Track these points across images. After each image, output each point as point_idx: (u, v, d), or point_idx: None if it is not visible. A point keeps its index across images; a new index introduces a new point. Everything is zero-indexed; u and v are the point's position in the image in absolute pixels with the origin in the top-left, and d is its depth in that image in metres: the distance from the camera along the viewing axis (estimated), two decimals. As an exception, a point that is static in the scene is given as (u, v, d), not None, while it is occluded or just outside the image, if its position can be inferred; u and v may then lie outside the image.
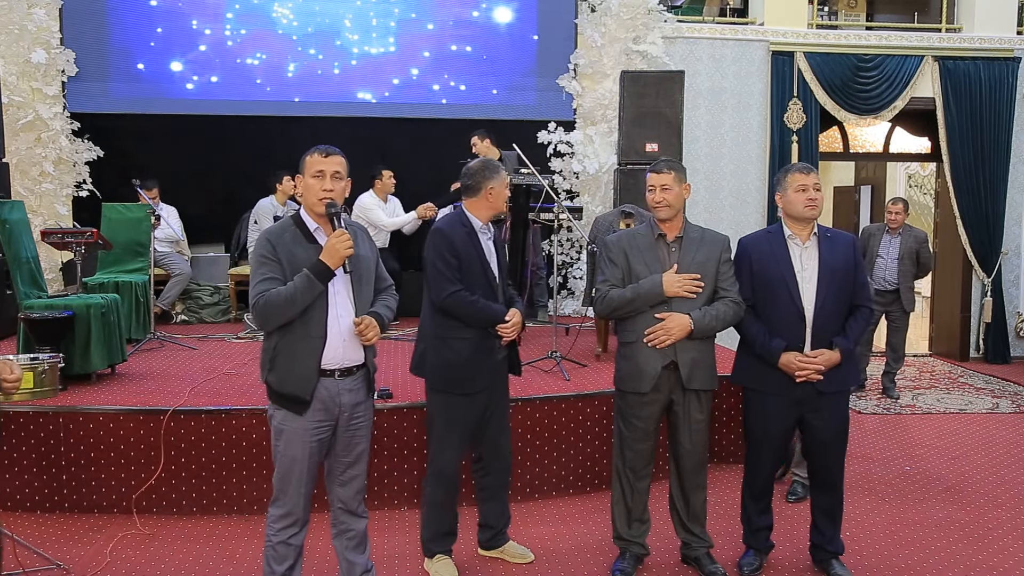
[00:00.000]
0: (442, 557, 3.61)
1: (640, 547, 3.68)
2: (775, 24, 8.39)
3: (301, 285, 2.85)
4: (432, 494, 3.56)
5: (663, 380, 3.47)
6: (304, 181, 2.97)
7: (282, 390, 2.94)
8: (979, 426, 6.16)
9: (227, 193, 7.92)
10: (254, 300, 2.88)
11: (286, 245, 2.92)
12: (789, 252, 3.50)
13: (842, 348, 3.46)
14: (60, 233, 5.88)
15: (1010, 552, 3.94)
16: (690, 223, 3.60)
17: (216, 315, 7.41)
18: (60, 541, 3.96)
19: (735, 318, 3.51)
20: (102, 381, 4.89)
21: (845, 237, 3.61)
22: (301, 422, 2.95)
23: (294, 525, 3.01)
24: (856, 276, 3.53)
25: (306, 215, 3.00)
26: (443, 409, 3.52)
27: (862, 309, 3.54)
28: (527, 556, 3.78)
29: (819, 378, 3.44)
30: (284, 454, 2.97)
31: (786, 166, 3.68)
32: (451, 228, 3.49)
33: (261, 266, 2.90)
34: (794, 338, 3.47)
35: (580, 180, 7.96)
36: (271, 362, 2.95)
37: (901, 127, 9.07)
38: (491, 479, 3.71)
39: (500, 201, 3.58)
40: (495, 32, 8.24)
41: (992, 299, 8.69)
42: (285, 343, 2.92)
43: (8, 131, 6.96)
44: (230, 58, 7.96)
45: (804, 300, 3.46)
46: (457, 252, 3.43)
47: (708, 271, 3.48)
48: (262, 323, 2.93)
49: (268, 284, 2.87)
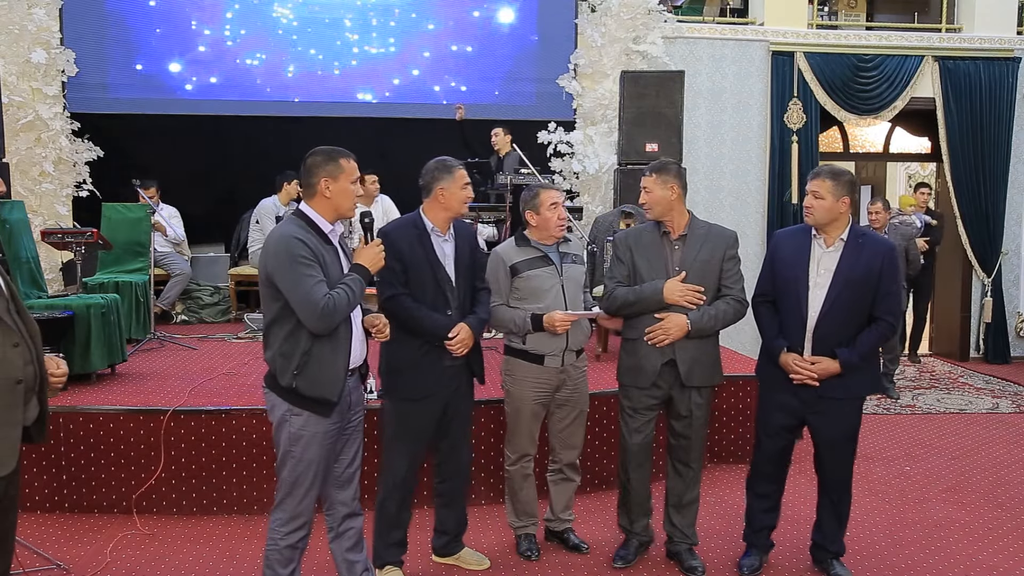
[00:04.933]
0: (392, 569, 3.52)
1: (643, 535, 3.75)
2: (775, 24, 8.38)
3: (359, 290, 2.89)
4: (380, 501, 3.48)
5: (663, 377, 3.53)
6: (339, 184, 2.91)
7: (312, 393, 2.88)
8: (979, 426, 6.16)
9: (227, 193, 7.92)
10: (320, 302, 2.78)
11: (316, 246, 2.88)
12: (810, 254, 3.46)
13: (842, 359, 3.39)
14: (60, 233, 5.88)
15: (1010, 552, 3.94)
16: (697, 219, 3.62)
17: (216, 315, 7.40)
18: (60, 541, 3.96)
19: (736, 317, 3.54)
20: (102, 381, 4.88)
21: (877, 243, 3.46)
22: (323, 424, 2.92)
23: (302, 528, 2.99)
24: (879, 286, 3.39)
25: (317, 215, 2.94)
26: (393, 415, 3.47)
27: (880, 322, 3.41)
28: (483, 563, 3.71)
29: (814, 383, 3.43)
30: (301, 458, 2.92)
31: None
32: (398, 231, 3.38)
33: (307, 267, 2.81)
34: (796, 341, 3.47)
35: (580, 180, 7.96)
36: (300, 366, 2.87)
37: (901, 127, 9.08)
38: (447, 486, 3.63)
39: (455, 202, 3.42)
40: (495, 32, 8.24)
41: (992, 299, 8.69)
42: (319, 346, 2.87)
43: (8, 131, 6.95)
44: (230, 58, 7.96)
45: (810, 306, 3.42)
46: (402, 256, 3.31)
47: (711, 268, 3.51)
48: (327, 326, 2.83)
49: (324, 286, 2.82)
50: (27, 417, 2.54)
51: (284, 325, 2.88)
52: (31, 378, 2.49)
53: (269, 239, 2.95)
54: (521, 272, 3.60)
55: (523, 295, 3.61)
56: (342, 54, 8.07)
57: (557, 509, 3.89)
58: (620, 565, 3.68)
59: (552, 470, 3.88)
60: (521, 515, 3.82)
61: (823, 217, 3.40)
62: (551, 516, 3.91)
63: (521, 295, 3.61)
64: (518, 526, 3.85)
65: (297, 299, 2.81)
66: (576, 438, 3.82)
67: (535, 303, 3.59)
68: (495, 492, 4.42)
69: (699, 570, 3.62)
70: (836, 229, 3.43)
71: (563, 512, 3.90)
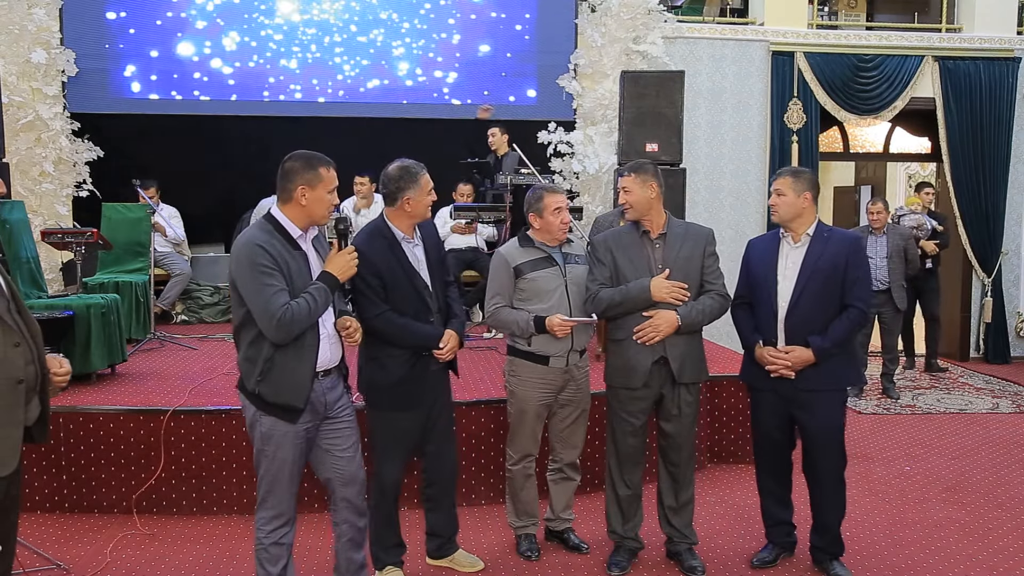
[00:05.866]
0: (392, 569, 3.54)
1: (633, 541, 3.73)
2: (775, 24, 8.38)
3: (322, 299, 2.86)
4: (376, 507, 3.48)
5: (654, 375, 3.54)
6: (316, 193, 2.89)
7: (276, 400, 2.88)
8: (979, 426, 6.16)
9: (227, 193, 7.90)
10: (277, 313, 2.76)
11: (280, 253, 2.85)
12: (778, 252, 3.58)
13: (815, 347, 3.44)
14: (60, 233, 5.88)
15: (1010, 552, 3.94)
16: (674, 218, 3.67)
17: (216, 315, 7.40)
18: (60, 541, 3.96)
19: (721, 311, 3.60)
20: (102, 381, 4.89)
21: (843, 236, 3.61)
22: (292, 426, 2.92)
23: (285, 524, 3.00)
24: (847, 274, 3.48)
25: (288, 221, 2.91)
26: (382, 424, 3.46)
27: (851, 309, 3.49)
28: (477, 564, 3.70)
29: (790, 374, 3.48)
30: (275, 457, 2.93)
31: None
32: (370, 246, 3.27)
33: (268, 276, 2.79)
34: (770, 334, 3.54)
35: (580, 180, 7.95)
36: (263, 372, 2.86)
37: (901, 127, 9.08)
38: (435, 489, 3.62)
39: (420, 209, 3.37)
40: (496, 32, 8.24)
41: (992, 299, 8.69)
42: (281, 353, 2.86)
43: (8, 131, 6.94)
44: (230, 58, 7.96)
45: (779, 298, 3.52)
46: (379, 272, 3.27)
47: (693, 266, 3.55)
48: (284, 336, 2.81)
49: (283, 296, 2.79)
50: (28, 417, 2.54)
51: (250, 330, 2.88)
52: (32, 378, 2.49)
53: (235, 244, 2.94)
54: (525, 273, 3.60)
55: (527, 296, 3.61)
56: (342, 54, 8.07)
57: (558, 509, 3.89)
58: (616, 573, 3.64)
59: (552, 470, 3.87)
60: (522, 515, 3.82)
61: (787, 213, 3.52)
62: (551, 516, 3.91)
63: (525, 296, 3.61)
64: (519, 526, 3.85)
65: (256, 308, 2.80)
66: (578, 437, 3.83)
67: (539, 304, 3.59)
68: (495, 492, 4.42)
69: (699, 570, 3.62)
70: (802, 226, 3.54)
71: (563, 511, 3.90)
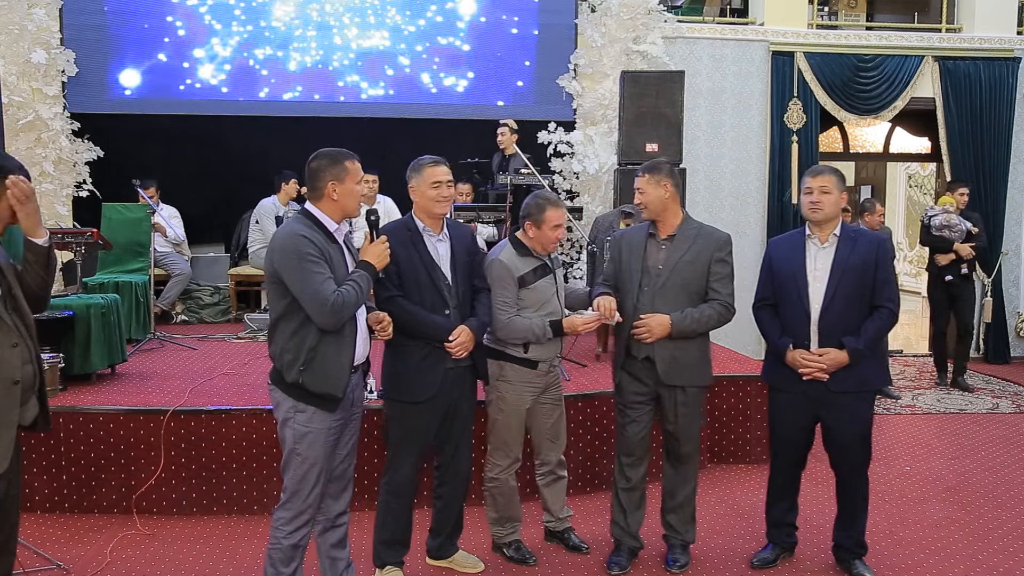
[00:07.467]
0: (392, 569, 3.52)
1: (633, 540, 3.74)
2: (775, 24, 8.38)
3: (365, 286, 2.95)
4: (384, 501, 3.49)
5: (643, 372, 3.58)
6: (345, 186, 2.97)
7: (318, 389, 2.91)
8: (979, 426, 6.16)
9: (227, 193, 7.90)
10: (330, 299, 2.81)
11: (322, 244, 2.92)
12: (805, 252, 3.54)
13: (850, 348, 3.42)
14: (60, 233, 5.87)
15: (1010, 552, 3.94)
16: (691, 220, 3.64)
17: (216, 315, 7.40)
18: (60, 541, 3.96)
19: (720, 322, 3.55)
20: (102, 381, 4.88)
21: (870, 236, 3.59)
22: (327, 421, 2.95)
23: (306, 526, 3.01)
24: (876, 274, 3.45)
25: (324, 215, 2.99)
26: (397, 417, 3.47)
27: (881, 309, 3.46)
28: (477, 566, 3.70)
29: (824, 377, 3.44)
30: (306, 456, 2.94)
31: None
32: (392, 233, 3.30)
33: (315, 264, 2.85)
34: (801, 336, 3.50)
35: (580, 180, 7.95)
36: (307, 363, 2.89)
37: (901, 127, 9.08)
38: (446, 489, 3.63)
39: (425, 201, 3.38)
40: (495, 32, 8.23)
41: (992, 299, 8.67)
42: (325, 342, 2.90)
43: (8, 131, 6.95)
44: (230, 58, 7.96)
45: (811, 299, 3.47)
46: (395, 258, 3.25)
47: (696, 270, 3.52)
48: (336, 322, 2.87)
49: (332, 283, 2.86)
50: (25, 417, 2.52)
51: (291, 322, 2.91)
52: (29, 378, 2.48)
53: (276, 237, 2.98)
54: (529, 284, 3.61)
55: (527, 304, 3.61)
56: (342, 53, 8.06)
57: (555, 509, 3.89)
58: (616, 572, 3.65)
59: (542, 472, 3.87)
60: (506, 523, 3.80)
61: (832, 211, 3.49)
62: (550, 517, 3.91)
63: (525, 304, 3.61)
64: (504, 535, 3.82)
65: (307, 296, 2.84)
66: (562, 434, 3.87)
67: (537, 312, 3.61)
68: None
69: (678, 564, 3.65)
70: (831, 226, 3.52)
71: (561, 511, 3.90)
